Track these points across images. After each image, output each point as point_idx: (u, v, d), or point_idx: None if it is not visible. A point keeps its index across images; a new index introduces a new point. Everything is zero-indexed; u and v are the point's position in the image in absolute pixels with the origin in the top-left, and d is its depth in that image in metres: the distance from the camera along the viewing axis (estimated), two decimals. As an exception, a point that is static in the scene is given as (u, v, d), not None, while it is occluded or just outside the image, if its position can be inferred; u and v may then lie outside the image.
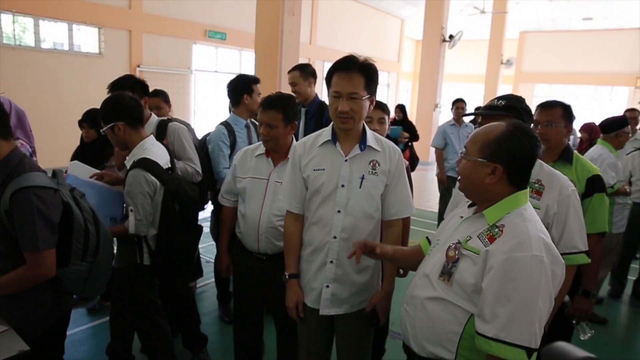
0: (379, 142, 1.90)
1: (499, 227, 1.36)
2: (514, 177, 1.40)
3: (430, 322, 1.43)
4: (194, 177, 2.78)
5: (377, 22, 17.82)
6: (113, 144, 2.38)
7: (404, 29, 19.58)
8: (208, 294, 3.79)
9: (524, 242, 1.29)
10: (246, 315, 2.41)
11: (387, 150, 1.90)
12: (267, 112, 2.19)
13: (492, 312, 1.27)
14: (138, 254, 2.32)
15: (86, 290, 1.92)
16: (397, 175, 1.90)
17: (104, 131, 2.28)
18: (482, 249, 1.34)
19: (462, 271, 1.37)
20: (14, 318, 1.71)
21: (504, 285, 1.26)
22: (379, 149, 1.87)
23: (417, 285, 1.52)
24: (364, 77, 1.78)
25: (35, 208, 1.64)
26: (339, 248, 1.88)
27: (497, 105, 1.91)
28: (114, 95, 2.32)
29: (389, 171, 1.88)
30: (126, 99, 2.28)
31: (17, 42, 8.62)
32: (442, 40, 11.65)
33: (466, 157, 1.45)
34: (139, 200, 2.19)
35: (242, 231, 2.27)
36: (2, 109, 1.74)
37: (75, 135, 3.35)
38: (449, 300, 1.39)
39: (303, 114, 3.49)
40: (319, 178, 1.88)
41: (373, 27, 17.58)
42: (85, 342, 3.09)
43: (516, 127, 1.40)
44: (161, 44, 10.66)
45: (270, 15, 6.34)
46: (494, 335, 1.26)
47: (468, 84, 19.74)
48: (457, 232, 1.48)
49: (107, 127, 2.25)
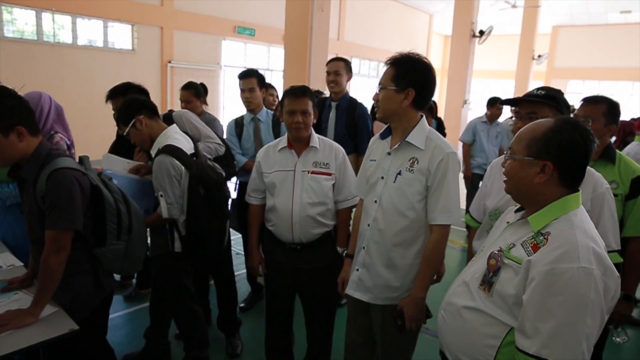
0: (426, 141, 1.86)
1: (544, 234, 1.25)
2: (565, 176, 1.29)
3: (466, 333, 1.36)
4: (218, 150, 2.87)
5: (405, 17, 17.67)
6: (139, 144, 2.42)
7: (433, 25, 19.35)
8: (239, 284, 3.88)
9: (570, 252, 1.17)
10: (278, 303, 2.47)
11: (431, 150, 1.84)
12: (301, 99, 2.25)
13: (534, 327, 1.18)
14: (170, 241, 2.41)
15: (124, 268, 2.02)
16: (440, 177, 1.82)
17: (127, 133, 2.34)
18: (524, 259, 1.24)
19: (503, 281, 1.28)
20: (63, 299, 1.82)
21: (547, 299, 1.17)
22: (422, 147, 1.85)
23: (456, 293, 1.45)
24: (395, 70, 1.83)
25: (66, 187, 1.71)
26: (370, 236, 1.95)
27: (537, 94, 1.83)
28: (125, 99, 2.46)
29: (429, 171, 1.83)
30: (135, 97, 2.42)
31: (56, 39, 8.92)
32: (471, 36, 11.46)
33: (512, 157, 1.35)
34: (167, 185, 2.26)
35: (274, 223, 2.32)
36: (30, 107, 1.80)
37: (108, 129, 3.47)
38: (488, 312, 1.31)
39: (334, 108, 3.52)
40: (371, 168, 1.99)
41: (401, 22, 17.44)
42: (123, 327, 3.22)
43: (565, 120, 1.31)
44: (191, 40, 10.85)
45: (299, 11, 6.38)
46: (535, 352, 1.17)
47: (497, 80, 19.38)
48: (501, 238, 1.40)
49: (130, 126, 2.31)
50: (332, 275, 2.22)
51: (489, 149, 5.49)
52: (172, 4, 10.34)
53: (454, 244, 5.39)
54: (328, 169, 2.28)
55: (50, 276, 1.73)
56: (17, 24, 8.56)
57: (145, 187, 2.50)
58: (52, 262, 1.73)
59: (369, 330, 2.09)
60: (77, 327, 1.69)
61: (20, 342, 1.60)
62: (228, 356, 2.92)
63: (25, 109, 1.75)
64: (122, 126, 2.35)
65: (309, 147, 2.29)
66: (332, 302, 2.45)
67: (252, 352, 2.97)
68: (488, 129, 5.55)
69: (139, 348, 2.82)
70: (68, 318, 1.74)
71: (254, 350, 2.98)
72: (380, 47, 16.25)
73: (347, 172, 2.35)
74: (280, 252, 2.35)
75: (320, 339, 2.48)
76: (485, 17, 13.82)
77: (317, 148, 2.30)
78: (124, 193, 2.01)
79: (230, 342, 2.97)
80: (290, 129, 2.27)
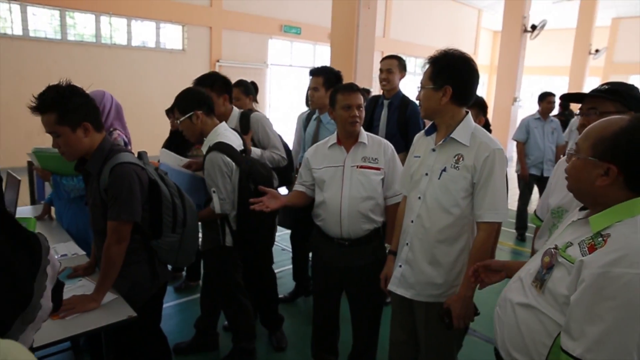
0: (471, 137, 1.84)
1: (603, 236, 1.18)
2: (632, 181, 1.20)
3: (519, 330, 1.32)
4: (280, 162, 2.92)
5: (453, 13, 17.29)
6: (187, 135, 2.48)
7: (481, 20, 18.82)
8: (284, 280, 3.94)
9: (630, 256, 1.09)
10: (325, 300, 2.49)
11: (476, 146, 1.82)
12: (356, 94, 2.29)
13: (580, 329, 1.13)
14: (221, 236, 2.48)
15: (179, 260, 2.10)
16: (486, 174, 1.80)
17: (181, 121, 2.40)
18: (578, 258, 1.18)
19: (556, 280, 1.24)
20: (122, 287, 1.92)
21: (598, 302, 1.11)
22: (466, 144, 1.83)
23: (511, 289, 1.42)
24: (432, 68, 1.84)
25: (127, 181, 1.81)
26: (413, 232, 1.95)
27: (599, 89, 1.75)
28: (189, 88, 2.48)
29: (474, 168, 1.81)
30: (200, 90, 2.45)
31: (112, 41, 9.35)
32: (523, 31, 11.06)
33: (576, 155, 1.28)
34: (219, 180, 2.33)
35: (323, 218, 2.34)
36: (96, 104, 1.90)
37: (159, 127, 3.61)
38: (540, 309, 1.27)
39: (386, 105, 3.50)
40: (415, 164, 1.99)
41: (448, 18, 17.08)
42: (174, 317, 3.34)
43: None
44: (239, 40, 11.09)
45: (346, 9, 6.38)
46: (579, 355, 1.12)
47: (550, 77, 18.60)
48: (561, 236, 1.35)
49: (186, 117, 2.38)
50: (379, 272, 2.22)
51: (545, 146, 5.27)
52: (221, 5, 10.60)
53: (503, 246, 5.24)
54: (377, 164, 2.29)
55: (111, 265, 1.83)
56: (77, 28, 9.04)
57: (196, 182, 2.59)
58: (113, 252, 1.83)
59: (413, 327, 2.08)
60: (135, 314, 1.78)
61: (84, 325, 1.70)
62: (273, 349, 2.98)
63: (92, 107, 1.86)
64: (177, 112, 2.42)
65: (358, 142, 2.31)
66: (378, 300, 2.44)
67: (296, 347, 3.01)
68: (542, 126, 5.32)
69: (189, 337, 2.92)
70: (127, 305, 1.83)
71: (298, 345, 3.02)
72: (426, 44, 15.98)
73: (396, 167, 2.34)
74: (328, 249, 2.37)
75: (366, 336, 2.48)
76: (538, 11, 13.29)
77: (366, 143, 2.31)
78: (179, 188, 2.09)
79: (275, 336, 3.02)
80: (346, 124, 2.28)
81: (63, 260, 2.25)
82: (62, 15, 8.78)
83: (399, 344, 2.15)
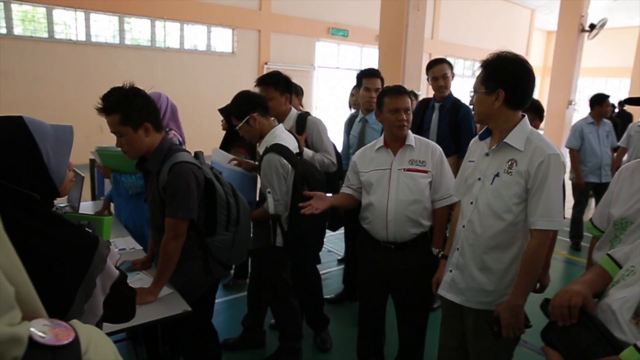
0: (526, 142, 1.79)
1: None
2: None
3: None
4: (330, 167, 2.93)
5: (504, 13, 16.80)
6: (248, 137, 2.53)
7: (534, 20, 18.17)
8: (329, 282, 3.96)
9: None
10: (371, 303, 2.48)
11: (531, 151, 1.77)
12: (404, 97, 2.26)
13: None
14: (272, 236, 2.52)
15: (231, 257, 2.15)
16: (540, 180, 1.73)
17: (240, 127, 2.45)
18: None
19: None
20: (178, 282, 1.99)
21: None
22: (520, 149, 1.78)
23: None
24: (484, 72, 1.79)
25: (185, 179, 1.88)
26: (464, 238, 1.91)
27: None
28: (242, 93, 2.52)
29: (528, 173, 1.76)
30: (251, 93, 2.49)
31: (166, 45, 9.72)
32: (580, 30, 10.59)
33: None
34: (275, 182, 2.37)
35: (370, 221, 2.33)
36: (156, 105, 1.98)
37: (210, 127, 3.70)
38: None
39: (437, 108, 3.45)
40: (469, 169, 1.96)
41: (499, 18, 16.61)
42: (222, 313, 3.43)
43: None
44: (287, 42, 11.25)
45: (395, 10, 6.34)
46: None
47: (605, 78, 17.69)
48: None
49: (244, 122, 2.43)
50: (426, 277, 2.19)
51: (602, 151, 5.00)
52: (270, 8, 10.80)
53: (556, 255, 5.03)
54: (424, 167, 2.26)
55: (168, 260, 1.90)
56: (133, 33, 9.47)
57: (246, 180, 2.65)
58: (170, 247, 1.90)
59: (462, 334, 2.03)
60: (189, 308, 1.84)
61: (142, 317, 1.77)
62: (318, 350, 2.99)
63: (153, 108, 1.93)
64: (234, 120, 2.48)
65: (405, 145, 2.29)
66: (425, 305, 2.41)
67: (341, 348, 3.01)
68: (597, 130, 5.04)
69: (236, 334, 2.99)
70: (182, 300, 1.90)
71: (343, 347, 3.02)
72: (475, 46, 15.62)
73: (444, 170, 2.30)
74: (374, 252, 2.36)
75: (411, 341, 2.45)
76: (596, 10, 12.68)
77: (413, 146, 2.29)
78: (234, 187, 2.15)
79: (320, 337, 3.04)
80: (393, 127, 2.27)
81: (122, 254, 2.36)
82: (121, 21, 9.22)
83: (448, 350, 2.11)
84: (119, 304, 1.17)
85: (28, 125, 1.06)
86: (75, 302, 0.99)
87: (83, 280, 1.01)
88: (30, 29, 8.47)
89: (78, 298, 1.00)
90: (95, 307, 1.05)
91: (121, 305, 1.19)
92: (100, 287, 1.05)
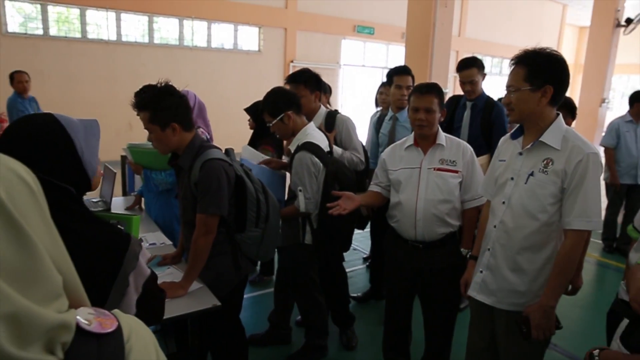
0: (563, 141, 1.75)
1: None
2: None
3: None
4: (358, 166, 2.93)
5: (534, 9, 16.41)
6: (280, 134, 2.56)
7: (566, 15, 17.69)
8: (355, 280, 3.96)
9: None
10: (397, 302, 2.47)
11: (568, 151, 1.73)
12: (425, 96, 2.22)
13: None
14: (301, 234, 2.53)
15: (260, 254, 2.17)
16: (577, 179, 1.69)
17: (272, 124, 2.46)
18: None
19: None
20: (207, 277, 2.02)
21: None
22: (557, 147, 1.74)
23: None
24: (526, 68, 1.74)
25: (216, 176, 1.90)
26: (495, 238, 1.88)
27: None
28: (276, 89, 2.53)
29: (565, 172, 1.72)
30: (287, 90, 2.50)
31: (193, 43, 9.86)
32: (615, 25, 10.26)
33: None
34: (306, 180, 2.38)
35: (398, 219, 2.32)
36: (188, 105, 1.99)
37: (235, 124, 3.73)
38: None
39: (469, 108, 3.39)
40: (500, 168, 1.93)
41: (529, 14, 16.24)
42: (248, 309, 3.47)
43: None
44: (313, 40, 11.27)
45: (422, 7, 6.26)
46: None
47: (644, 76, 17.06)
48: None
49: (278, 119, 2.44)
50: (453, 277, 2.17)
51: (638, 151, 4.80)
52: (296, 6, 10.83)
53: (588, 257, 4.90)
54: (455, 167, 2.24)
55: (198, 255, 1.94)
56: (162, 32, 9.63)
57: (275, 178, 2.67)
58: (200, 243, 1.93)
59: (492, 336, 2.00)
60: (219, 303, 1.87)
61: (173, 311, 1.80)
62: (343, 348, 2.99)
63: (183, 108, 1.94)
64: (267, 116, 2.49)
65: (436, 144, 2.27)
66: (452, 305, 2.39)
67: (367, 347, 3.01)
68: (635, 129, 4.85)
69: (261, 329, 3.02)
70: (212, 295, 1.93)
71: (369, 345, 3.01)
72: (503, 43, 15.32)
73: (475, 170, 2.27)
74: (401, 251, 2.35)
75: (438, 341, 2.43)
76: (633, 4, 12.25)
77: (444, 146, 2.27)
78: (264, 184, 2.17)
79: (346, 334, 3.03)
80: (414, 126, 2.27)
81: (152, 248, 2.41)
82: (150, 20, 9.40)
83: (477, 351, 2.09)
84: (149, 304, 1.18)
85: (59, 120, 1.10)
86: (109, 299, 1.01)
87: (117, 277, 1.02)
88: (64, 29, 8.72)
89: (112, 295, 1.02)
90: (129, 307, 1.07)
91: (151, 305, 1.20)
92: (133, 285, 1.07)
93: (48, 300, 0.52)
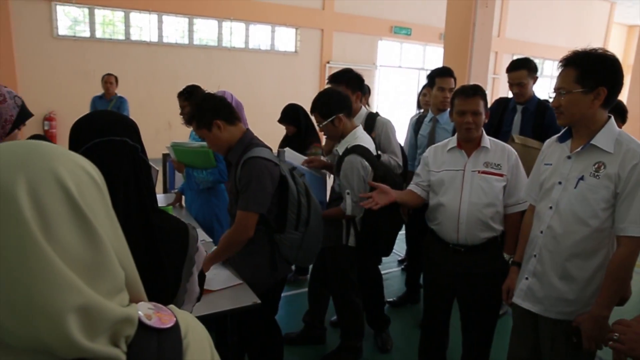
0: (616, 144, 1.69)
1: None
2: None
3: None
4: (395, 169, 2.91)
5: (579, 8, 15.81)
6: (329, 136, 2.57)
7: (613, 14, 16.98)
8: (390, 282, 3.93)
9: None
10: (435, 305, 2.43)
11: (622, 153, 1.66)
12: (472, 99, 2.18)
13: None
14: (345, 235, 2.52)
15: (298, 258, 2.17)
16: (632, 184, 1.64)
17: (322, 125, 2.48)
18: None
19: None
20: (245, 274, 2.05)
21: None
22: (610, 151, 1.68)
23: None
24: (577, 70, 1.68)
25: (256, 174, 1.93)
26: (542, 244, 1.83)
27: None
28: (330, 91, 2.54)
29: (619, 177, 1.65)
30: (341, 93, 2.51)
31: (231, 44, 10.02)
32: (667, 25, 9.77)
33: None
34: (355, 183, 2.37)
35: (440, 222, 2.28)
36: (225, 101, 2.07)
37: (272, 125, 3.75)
38: None
39: (520, 111, 3.28)
40: (546, 172, 1.88)
41: (573, 14, 15.66)
42: (282, 308, 3.47)
43: None
44: (349, 41, 11.25)
45: (462, 7, 6.15)
46: None
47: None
48: None
49: (329, 121, 2.45)
50: (494, 282, 2.12)
51: None
52: (333, 7, 10.84)
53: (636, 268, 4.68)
54: (499, 170, 2.19)
55: (227, 247, 2.01)
56: (200, 33, 9.84)
57: (315, 180, 2.68)
58: (234, 238, 1.98)
59: (536, 345, 1.94)
60: (259, 300, 1.89)
61: (214, 307, 1.84)
62: (378, 350, 2.98)
63: (221, 105, 2.04)
64: (318, 116, 2.50)
65: (480, 147, 2.23)
66: (493, 311, 2.33)
67: (401, 350, 2.98)
68: None
69: (296, 329, 3.04)
70: (251, 292, 1.96)
71: (404, 349, 2.98)
72: (545, 43, 14.84)
73: (519, 175, 2.22)
74: (441, 254, 2.31)
75: (477, 348, 2.38)
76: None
77: (489, 148, 2.22)
78: (308, 189, 2.17)
79: (381, 337, 3.02)
80: (461, 130, 2.23)
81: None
82: (190, 22, 9.62)
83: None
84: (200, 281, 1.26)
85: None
86: (182, 280, 1.08)
87: (185, 258, 1.10)
88: (109, 31, 9.04)
89: (184, 276, 1.09)
90: (194, 285, 1.14)
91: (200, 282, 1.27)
92: (196, 264, 1.15)
93: (113, 294, 0.54)
